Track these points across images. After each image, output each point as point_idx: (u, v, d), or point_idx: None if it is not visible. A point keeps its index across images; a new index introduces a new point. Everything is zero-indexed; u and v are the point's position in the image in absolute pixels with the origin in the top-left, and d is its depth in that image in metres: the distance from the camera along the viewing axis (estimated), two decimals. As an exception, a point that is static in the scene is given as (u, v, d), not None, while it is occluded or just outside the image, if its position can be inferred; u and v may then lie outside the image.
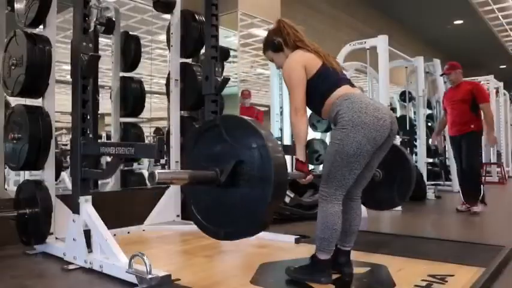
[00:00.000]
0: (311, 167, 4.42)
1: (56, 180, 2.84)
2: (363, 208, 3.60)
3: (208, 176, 1.62)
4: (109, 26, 4.04)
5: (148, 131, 5.31)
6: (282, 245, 2.81)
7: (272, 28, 2.24)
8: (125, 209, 3.52)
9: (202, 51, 3.56)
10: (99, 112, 4.16)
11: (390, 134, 1.98)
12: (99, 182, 4.06)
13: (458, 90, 4.68)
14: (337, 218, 1.96)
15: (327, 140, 5.04)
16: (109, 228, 2.34)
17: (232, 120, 1.71)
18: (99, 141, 4.22)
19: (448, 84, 7.71)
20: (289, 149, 2.68)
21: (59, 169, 3.21)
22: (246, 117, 1.65)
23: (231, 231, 1.63)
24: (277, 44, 2.16)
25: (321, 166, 4.67)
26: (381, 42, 5.16)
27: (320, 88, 2.04)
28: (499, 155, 9.13)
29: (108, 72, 4.25)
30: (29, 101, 2.84)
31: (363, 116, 1.89)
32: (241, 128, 1.63)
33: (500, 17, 11.56)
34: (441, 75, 4.92)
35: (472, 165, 4.48)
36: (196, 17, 3.63)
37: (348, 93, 2.00)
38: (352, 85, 2.10)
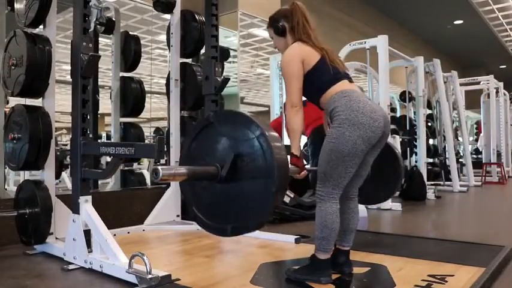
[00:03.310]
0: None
1: (56, 178, 2.84)
2: (363, 208, 3.61)
3: (209, 172, 1.60)
4: (109, 26, 4.04)
5: (148, 131, 5.31)
6: (282, 245, 2.81)
7: (283, 8, 2.21)
8: (124, 209, 3.52)
9: (202, 51, 3.57)
10: (99, 112, 4.16)
11: (383, 135, 2.00)
12: (99, 182, 4.06)
13: None
14: (335, 217, 1.97)
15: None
16: (109, 228, 2.34)
17: (226, 115, 1.70)
18: (99, 141, 4.22)
19: (448, 84, 7.74)
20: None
21: (60, 167, 3.23)
22: (238, 111, 1.65)
23: (238, 225, 1.60)
24: (281, 28, 2.15)
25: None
26: (381, 42, 5.16)
27: (317, 82, 2.03)
28: (499, 155, 9.12)
29: (108, 72, 4.25)
30: (29, 101, 2.84)
31: (360, 116, 1.90)
32: (236, 121, 1.62)
33: (500, 17, 11.56)
34: None
35: None
36: (196, 17, 3.63)
37: (346, 90, 1.99)
38: (351, 81, 2.09)
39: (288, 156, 2.01)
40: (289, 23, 2.13)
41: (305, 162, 2.05)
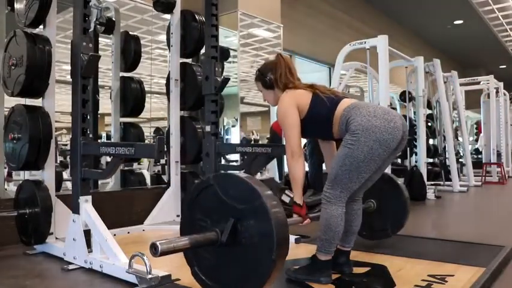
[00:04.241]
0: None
1: (57, 191, 2.86)
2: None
3: (209, 238, 1.60)
4: (109, 26, 4.04)
5: (148, 131, 5.30)
6: (282, 245, 2.81)
7: (269, 61, 2.25)
8: (124, 209, 3.52)
9: (202, 51, 3.57)
10: (99, 112, 4.16)
11: (403, 136, 1.96)
12: (99, 182, 4.06)
13: None
14: (340, 220, 1.96)
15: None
16: (109, 228, 2.35)
17: (226, 178, 1.69)
18: (99, 141, 4.22)
19: (448, 84, 7.74)
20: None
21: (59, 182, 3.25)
22: (239, 174, 1.64)
23: None
24: (268, 82, 2.18)
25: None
26: (381, 42, 5.16)
27: (320, 115, 2.03)
28: (499, 155, 9.12)
29: (108, 72, 4.25)
30: (29, 101, 2.84)
31: (373, 120, 1.88)
32: (236, 185, 1.61)
33: (500, 17, 11.55)
34: None
35: None
36: (196, 17, 3.63)
37: (353, 102, 2.00)
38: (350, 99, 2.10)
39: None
40: (274, 75, 2.16)
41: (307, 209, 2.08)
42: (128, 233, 3.16)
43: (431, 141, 7.47)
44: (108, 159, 3.76)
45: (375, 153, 1.88)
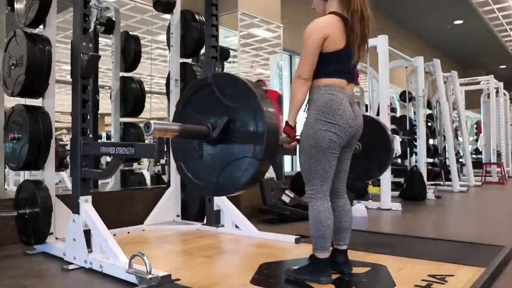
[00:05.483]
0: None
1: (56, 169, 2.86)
2: (363, 208, 3.61)
3: (201, 131, 1.62)
4: (109, 26, 4.04)
5: (148, 131, 5.31)
6: (282, 245, 2.81)
7: None
8: (124, 209, 3.52)
9: (202, 51, 3.57)
10: (99, 112, 4.16)
11: (355, 136, 2.05)
12: (99, 182, 4.06)
13: None
14: (329, 213, 1.98)
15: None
16: (109, 228, 2.35)
17: (225, 78, 1.70)
18: (99, 141, 4.22)
19: (448, 84, 7.75)
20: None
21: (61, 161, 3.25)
22: (239, 76, 1.65)
23: (221, 186, 1.63)
24: None
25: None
26: (381, 42, 5.16)
27: (323, 66, 1.97)
28: (499, 155, 9.13)
29: (108, 72, 4.25)
30: (29, 101, 2.84)
31: (338, 118, 1.93)
32: (235, 86, 1.62)
33: (500, 17, 11.56)
34: None
35: None
36: (196, 17, 3.64)
37: (335, 87, 1.96)
38: (350, 82, 2.05)
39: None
40: None
41: (297, 134, 2.05)
42: (128, 233, 3.16)
43: (431, 141, 7.48)
44: (108, 159, 3.76)
45: (336, 142, 1.95)
